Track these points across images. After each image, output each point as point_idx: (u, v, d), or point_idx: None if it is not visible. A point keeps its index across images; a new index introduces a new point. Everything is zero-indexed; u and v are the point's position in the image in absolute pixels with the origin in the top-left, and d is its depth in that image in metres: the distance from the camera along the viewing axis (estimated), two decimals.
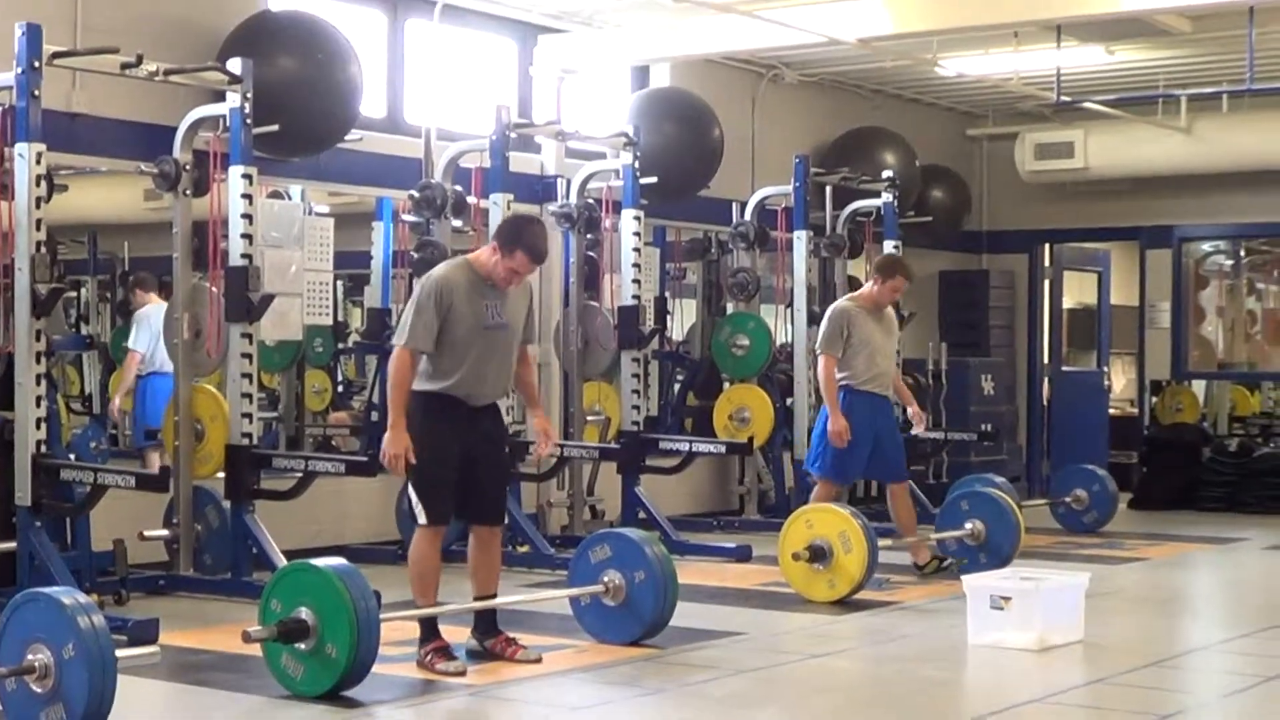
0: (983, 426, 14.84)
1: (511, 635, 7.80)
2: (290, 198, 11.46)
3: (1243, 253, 18.06)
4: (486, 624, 7.82)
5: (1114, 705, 7.10)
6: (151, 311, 11.63)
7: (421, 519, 7.55)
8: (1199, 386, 17.78)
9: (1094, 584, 8.68)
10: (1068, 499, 13.67)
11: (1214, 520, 14.68)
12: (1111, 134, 16.20)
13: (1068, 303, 18.65)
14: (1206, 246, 17.87)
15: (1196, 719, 7.03)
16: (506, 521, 8.44)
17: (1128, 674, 7.69)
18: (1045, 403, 18.09)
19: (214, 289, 9.71)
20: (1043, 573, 8.71)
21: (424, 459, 7.42)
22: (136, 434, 11.68)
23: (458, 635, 7.78)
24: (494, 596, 7.85)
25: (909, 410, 10.90)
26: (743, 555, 11.66)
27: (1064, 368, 18.32)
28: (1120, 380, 19.88)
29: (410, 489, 7.60)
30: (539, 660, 7.66)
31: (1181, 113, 15.44)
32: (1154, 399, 17.42)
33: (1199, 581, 11.91)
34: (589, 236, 12.50)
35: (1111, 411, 18.46)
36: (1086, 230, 17.88)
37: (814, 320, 13.83)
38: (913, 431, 11.34)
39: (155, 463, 11.39)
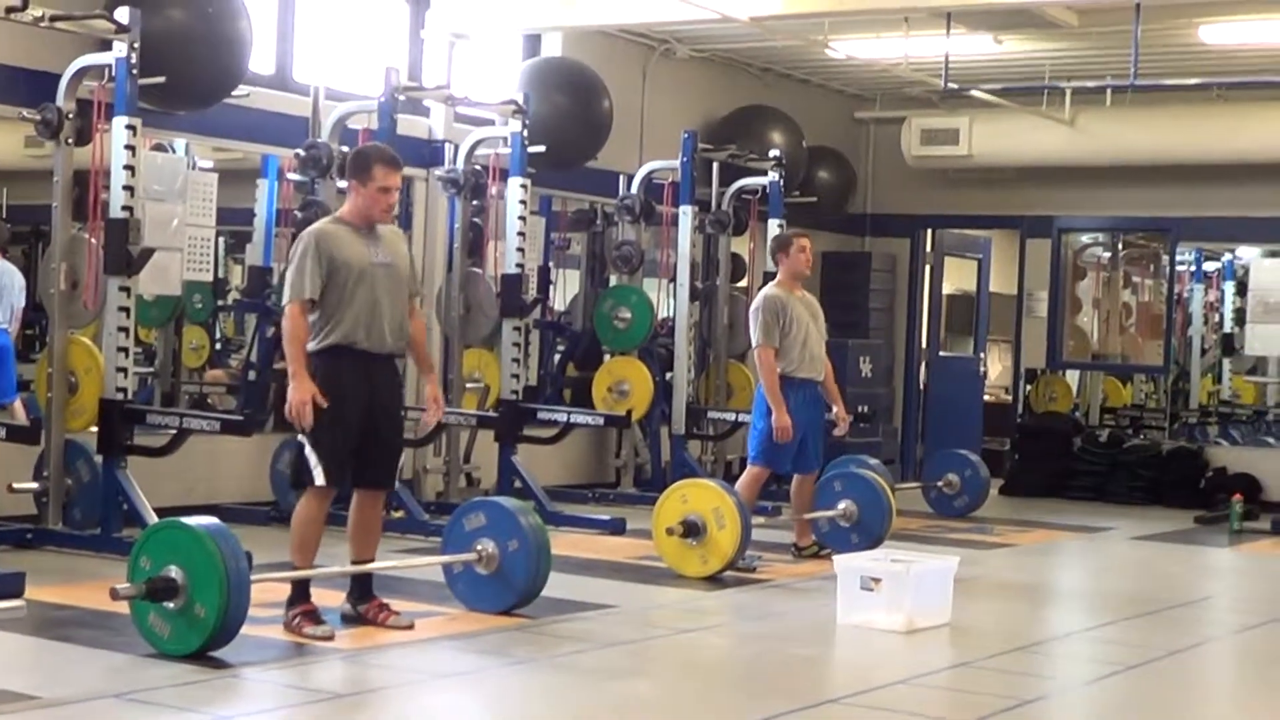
0: (859, 408, 14.88)
1: (384, 601, 7.77)
2: (174, 151, 11.33)
3: (1120, 246, 18.26)
4: (362, 589, 7.77)
5: (978, 689, 7.19)
6: None
7: (320, 480, 7.43)
8: (1073, 376, 18.03)
9: (963, 568, 8.78)
10: (940, 483, 13.81)
11: (1082, 509, 14.89)
12: (996, 123, 16.35)
13: (947, 288, 18.80)
14: (1085, 238, 18.06)
15: (1059, 704, 7.14)
16: None
17: (993, 658, 7.78)
18: (922, 387, 18.23)
19: (93, 240, 9.59)
20: (913, 555, 8.78)
21: (325, 419, 7.33)
22: None
23: (331, 599, 7.74)
24: (371, 561, 7.81)
25: (834, 409, 10.73)
26: (617, 528, 11.66)
27: (941, 353, 18.47)
28: (996, 367, 20.10)
29: (309, 449, 7.43)
30: (411, 627, 7.63)
31: (1066, 105, 15.59)
32: (1029, 387, 17.66)
33: (1066, 569, 12.08)
34: (475, 203, 12.45)
35: (986, 398, 18.65)
36: (968, 217, 18.02)
37: (695, 296, 13.94)
38: (834, 433, 10.99)
39: (21, 414, 11.25)
